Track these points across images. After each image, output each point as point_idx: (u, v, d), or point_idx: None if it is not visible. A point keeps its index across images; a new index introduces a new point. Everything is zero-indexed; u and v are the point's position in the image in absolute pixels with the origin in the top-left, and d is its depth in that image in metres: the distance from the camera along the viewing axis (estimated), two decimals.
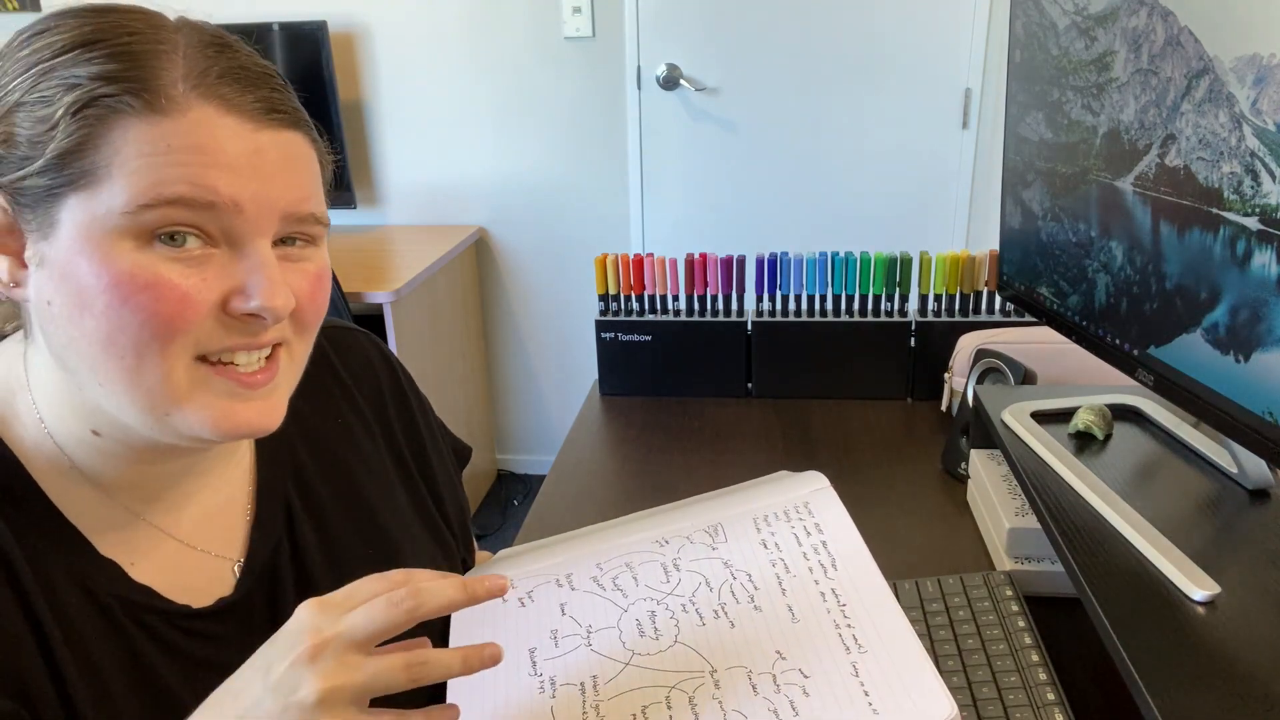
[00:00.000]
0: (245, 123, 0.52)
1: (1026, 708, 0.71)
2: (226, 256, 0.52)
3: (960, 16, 2.28)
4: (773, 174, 2.47)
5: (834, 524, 0.70)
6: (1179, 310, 0.71)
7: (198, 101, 0.50)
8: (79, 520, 0.56)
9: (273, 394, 0.56)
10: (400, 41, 2.48)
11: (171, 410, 0.53)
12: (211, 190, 0.50)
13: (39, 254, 0.51)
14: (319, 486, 0.69)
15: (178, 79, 0.50)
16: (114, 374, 0.52)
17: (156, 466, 0.59)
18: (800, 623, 0.62)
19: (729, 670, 0.60)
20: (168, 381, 0.52)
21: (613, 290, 1.34)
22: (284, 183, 0.53)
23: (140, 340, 0.51)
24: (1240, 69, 0.62)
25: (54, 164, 0.49)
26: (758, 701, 0.57)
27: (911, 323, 1.30)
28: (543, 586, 0.72)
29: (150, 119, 0.49)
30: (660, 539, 0.74)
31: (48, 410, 0.56)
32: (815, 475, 0.76)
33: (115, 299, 0.50)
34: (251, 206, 0.51)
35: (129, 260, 0.50)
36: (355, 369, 0.75)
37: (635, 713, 0.59)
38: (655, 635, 0.64)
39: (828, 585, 0.65)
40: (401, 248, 2.45)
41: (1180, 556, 0.68)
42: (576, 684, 0.62)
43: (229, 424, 0.54)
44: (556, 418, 2.84)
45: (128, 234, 0.50)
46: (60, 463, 0.56)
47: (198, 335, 0.52)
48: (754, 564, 0.69)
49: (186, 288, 0.51)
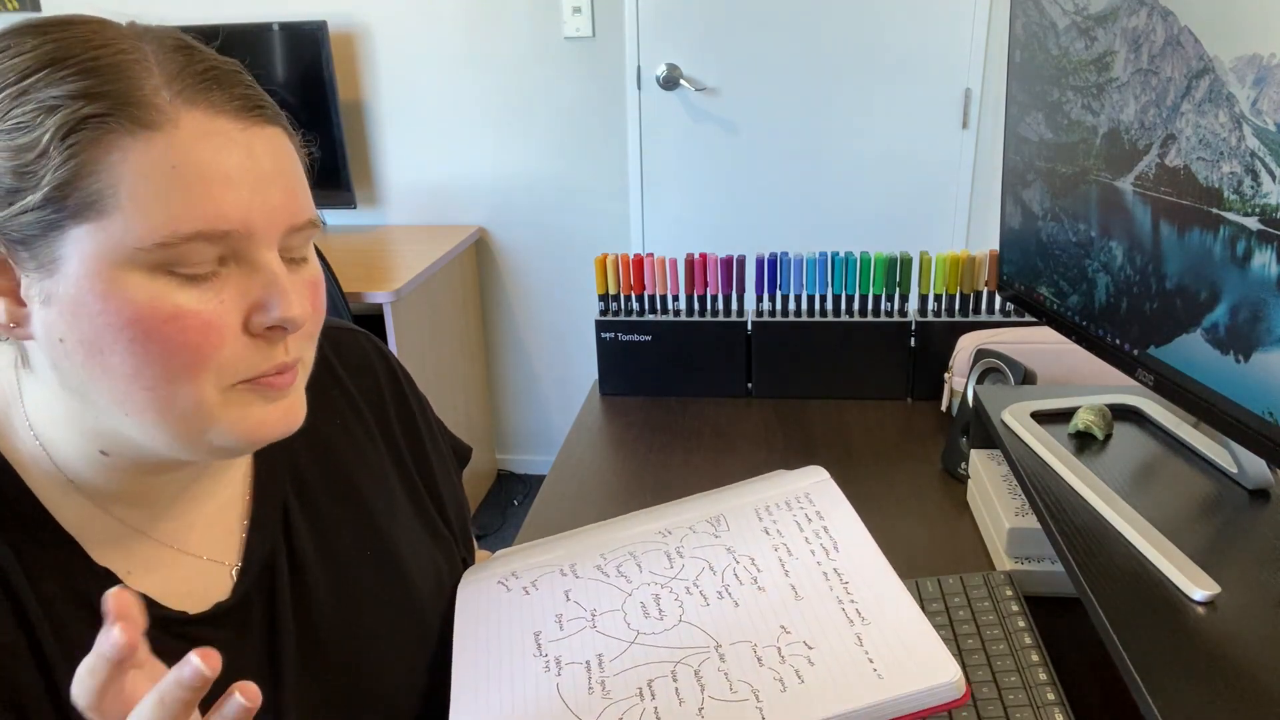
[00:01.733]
0: (233, 123, 0.51)
1: (1026, 708, 0.71)
2: (237, 274, 0.52)
3: (960, 16, 2.28)
4: (773, 174, 2.47)
5: (835, 510, 0.71)
6: (1179, 310, 0.71)
7: (185, 108, 0.49)
8: (75, 531, 0.56)
9: (293, 393, 0.57)
10: (400, 41, 2.48)
11: (207, 430, 0.53)
12: (223, 219, 0.49)
13: (43, 291, 0.49)
14: (317, 488, 0.69)
15: (159, 87, 0.49)
16: (144, 404, 0.51)
17: (161, 478, 0.58)
18: (804, 600, 0.63)
19: (734, 645, 0.61)
20: (201, 406, 0.52)
21: (613, 290, 1.34)
22: (281, 192, 0.53)
23: (170, 371, 0.50)
24: (1240, 69, 0.62)
25: (52, 197, 0.47)
26: (764, 672, 0.58)
27: (911, 323, 1.30)
28: (547, 576, 0.72)
29: (144, 136, 0.48)
30: (663, 530, 0.74)
31: (45, 429, 0.55)
32: (815, 469, 0.77)
33: (138, 334, 0.49)
34: (259, 224, 0.51)
35: (145, 293, 0.49)
36: (354, 369, 0.75)
37: (641, 687, 0.59)
38: (660, 616, 0.65)
39: (830, 566, 0.65)
40: (401, 248, 2.45)
41: (1180, 556, 0.68)
42: (582, 662, 0.62)
43: (260, 432, 0.54)
44: (556, 418, 2.84)
45: (142, 266, 0.48)
46: (56, 476, 0.56)
47: (226, 359, 0.51)
48: (756, 549, 0.69)
49: (208, 314, 0.50)
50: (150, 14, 0.55)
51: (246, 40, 2.34)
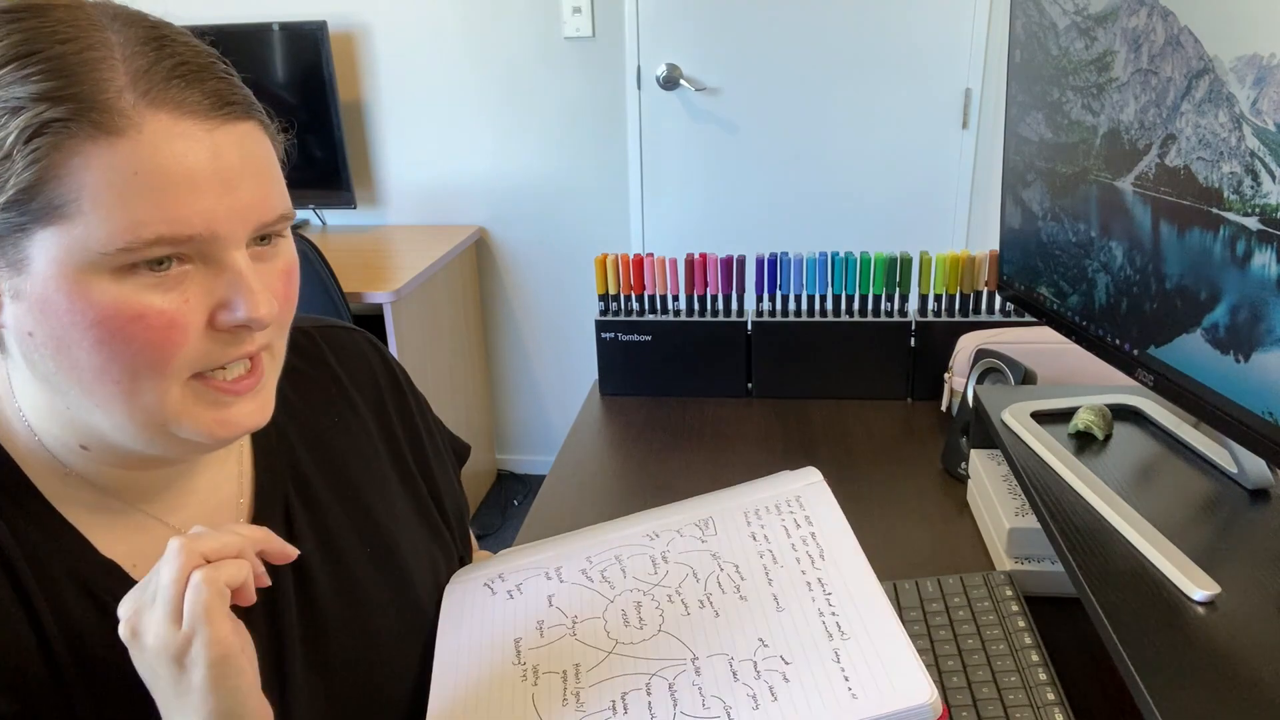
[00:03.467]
0: (200, 124, 0.50)
1: (1026, 708, 0.71)
2: (204, 273, 0.52)
3: (960, 16, 2.28)
4: (773, 174, 2.47)
5: (824, 516, 0.71)
6: (1179, 310, 0.71)
7: (149, 111, 0.48)
8: (78, 522, 0.57)
9: (260, 393, 0.57)
10: (400, 41, 2.48)
11: (169, 425, 0.53)
12: (186, 223, 0.49)
13: (13, 287, 0.50)
14: (317, 485, 0.69)
15: (123, 89, 0.48)
16: (110, 398, 0.51)
17: (150, 472, 0.59)
18: (784, 611, 0.63)
19: (710, 658, 0.60)
20: (164, 400, 0.52)
21: (613, 290, 1.34)
22: (250, 190, 0.52)
23: (134, 367, 0.50)
24: (1240, 69, 0.62)
25: (16, 200, 0.47)
26: (737, 687, 0.58)
27: (911, 323, 1.30)
28: (532, 579, 0.73)
29: (106, 141, 0.47)
30: (651, 533, 0.74)
31: (36, 422, 0.56)
32: (809, 470, 0.76)
33: (104, 335, 0.49)
34: (225, 226, 0.51)
35: (110, 294, 0.49)
36: (352, 368, 0.76)
37: (615, 699, 0.59)
38: (640, 624, 0.65)
39: (814, 575, 0.65)
40: (401, 248, 2.45)
41: (1180, 556, 0.68)
42: (559, 672, 0.63)
43: (224, 430, 0.55)
44: (556, 418, 2.84)
45: (106, 269, 0.49)
46: (56, 467, 0.57)
47: (190, 355, 0.52)
48: (742, 556, 0.69)
49: (173, 312, 0.50)
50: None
51: (246, 40, 2.34)
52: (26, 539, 0.54)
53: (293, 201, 0.57)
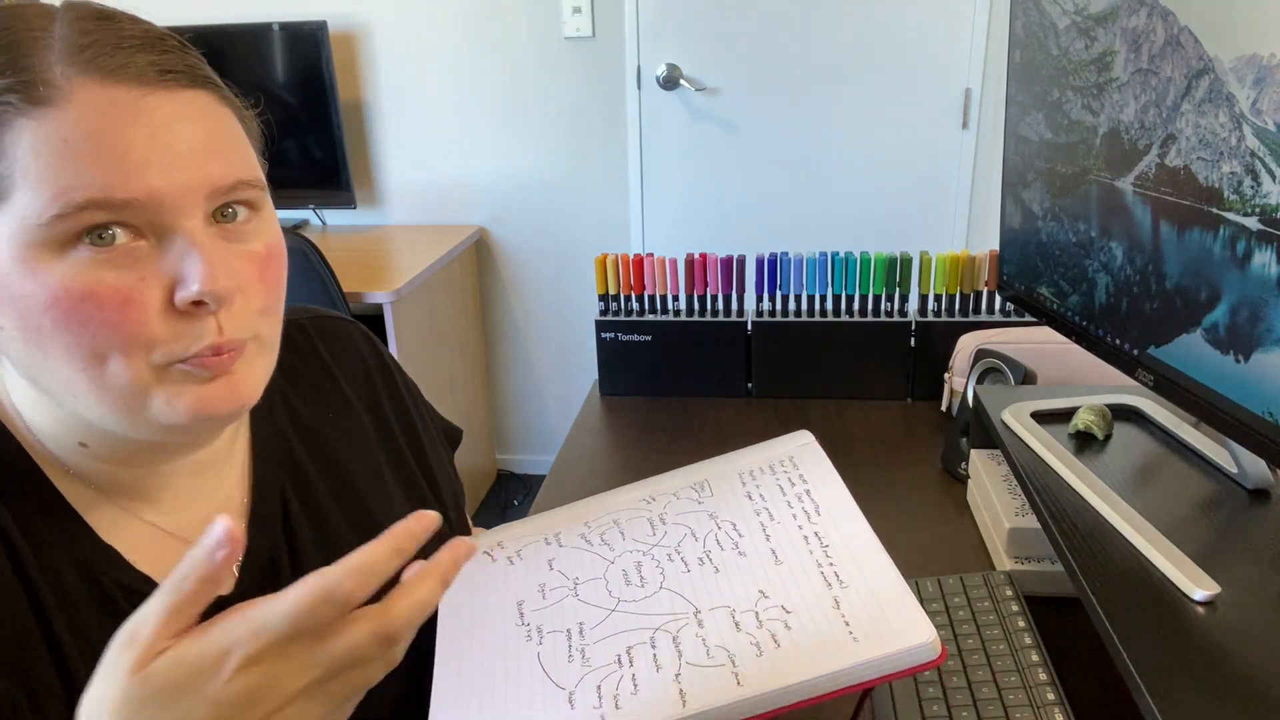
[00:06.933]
0: (134, 90, 0.49)
1: (1026, 708, 0.71)
2: (157, 248, 0.50)
3: (960, 16, 2.28)
4: (773, 174, 2.47)
5: (818, 475, 0.72)
6: (1179, 310, 0.71)
7: (79, 79, 0.47)
8: (82, 511, 0.57)
9: (239, 369, 0.54)
10: (400, 41, 2.48)
11: (145, 404, 0.51)
12: (121, 186, 0.47)
13: None
14: (315, 482, 0.69)
15: (53, 62, 0.47)
16: (83, 386, 0.50)
17: (149, 469, 0.59)
18: (783, 564, 0.64)
19: (712, 610, 0.61)
20: (135, 383, 0.51)
21: (613, 290, 1.34)
22: (197, 157, 0.50)
23: (96, 349, 0.49)
24: (1240, 69, 0.62)
25: None
26: (740, 637, 0.58)
27: (911, 323, 1.30)
28: (532, 545, 0.73)
29: (35, 114, 0.47)
30: (648, 497, 0.75)
31: (35, 422, 0.56)
32: (802, 433, 0.77)
33: (60, 315, 0.48)
34: (170, 191, 0.49)
35: (58, 273, 0.48)
36: (342, 357, 0.76)
37: (620, 653, 0.60)
38: (641, 583, 0.66)
39: (810, 529, 0.66)
40: (401, 248, 2.45)
41: (1180, 556, 0.68)
42: (563, 630, 0.63)
43: (205, 410, 0.53)
44: (556, 418, 2.84)
45: (49, 245, 0.48)
46: (57, 465, 0.57)
47: (153, 335, 0.50)
48: (739, 514, 0.70)
49: (126, 289, 0.49)
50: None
51: (246, 40, 2.34)
52: (30, 522, 0.55)
53: (293, 202, 0.56)
